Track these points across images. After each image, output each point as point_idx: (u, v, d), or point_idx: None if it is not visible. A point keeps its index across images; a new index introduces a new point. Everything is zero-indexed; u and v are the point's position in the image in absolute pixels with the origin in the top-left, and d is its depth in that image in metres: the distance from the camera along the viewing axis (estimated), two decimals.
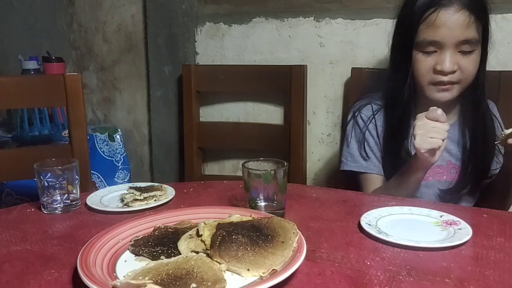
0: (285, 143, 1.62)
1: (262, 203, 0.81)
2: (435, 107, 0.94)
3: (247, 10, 1.70)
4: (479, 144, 1.09)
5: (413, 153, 1.09)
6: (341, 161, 1.21)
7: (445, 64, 1.00)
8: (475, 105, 1.09)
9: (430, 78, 1.03)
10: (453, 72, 1.01)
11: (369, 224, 0.76)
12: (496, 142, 0.98)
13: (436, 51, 1.01)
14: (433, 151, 0.94)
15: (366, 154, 1.15)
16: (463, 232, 0.73)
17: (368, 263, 0.65)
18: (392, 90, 1.11)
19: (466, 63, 1.01)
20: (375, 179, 1.15)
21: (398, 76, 1.08)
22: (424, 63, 1.03)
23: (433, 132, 0.92)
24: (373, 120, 1.16)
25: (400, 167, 1.07)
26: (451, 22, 0.98)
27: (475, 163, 1.10)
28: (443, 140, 0.93)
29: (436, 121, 0.93)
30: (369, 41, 1.53)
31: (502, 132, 0.94)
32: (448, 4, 0.98)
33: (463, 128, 1.12)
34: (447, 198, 1.11)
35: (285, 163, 0.82)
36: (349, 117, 1.21)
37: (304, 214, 0.85)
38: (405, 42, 1.04)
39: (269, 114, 1.75)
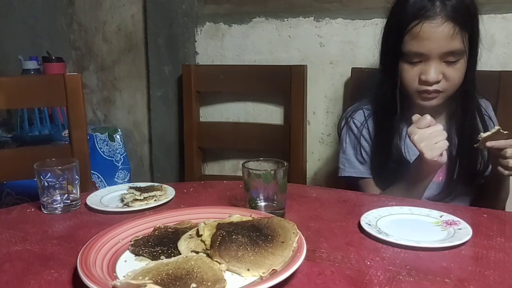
0: (285, 143, 1.62)
1: (262, 203, 0.81)
2: (417, 115, 0.96)
3: (247, 10, 1.70)
4: (468, 145, 1.09)
5: (407, 156, 1.10)
6: (338, 168, 1.21)
7: (429, 75, 1.00)
8: (464, 109, 1.09)
9: (415, 87, 1.04)
10: (438, 82, 1.02)
11: (369, 224, 0.76)
12: (475, 145, 0.97)
13: (421, 61, 1.02)
14: (441, 153, 0.95)
15: (363, 158, 1.16)
16: (463, 232, 0.73)
17: (368, 263, 0.65)
18: (382, 95, 1.12)
19: (451, 72, 1.01)
20: (373, 182, 1.15)
21: (388, 82, 1.09)
22: (409, 72, 1.04)
23: (434, 137, 0.93)
24: (366, 124, 1.16)
25: (390, 167, 1.08)
26: (436, 34, 0.98)
27: (464, 163, 1.11)
28: (446, 139, 0.94)
29: (428, 126, 0.94)
30: (369, 41, 1.52)
31: (479, 136, 0.95)
32: (432, 16, 0.98)
33: (454, 129, 1.13)
34: (441, 199, 1.11)
35: (285, 163, 0.82)
36: (342, 124, 1.22)
37: (304, 214, 0.85)
38: (392, 51, 1.05)
39: (269, 114, 1.75)
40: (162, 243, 0.68)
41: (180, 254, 0.64)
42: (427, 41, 0.99)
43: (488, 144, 0.95)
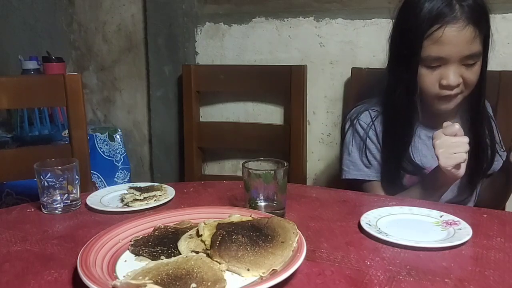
0: (285, 143, 1.62)
1: (262, 203, 0.81)
2: (448, 122, 0.94)
3: (247, 10, 1.70)
4: (479, 147, 1.08)
5: (421, 163, 1.09)
6: (342, 170, 1.18)
7: (450, 79, 0.99)
8: (474, 109, 1.08)
9: (436, 91, 1.02)
10: (458, 85, 1.01)
11: (369, 224, 0.76)
12: None
13: (440, 65, 1.00)
14: (459, 166, 0.94)
15: (368, 161, 1.14)
16: (463, 232, 0.73)
17: (368, 263, 0.65)
18: (394, 99, 1.08)
19: (469, 75, 1.00)
20: (378, 185, 1.14)
21: (401, 87, 1.06)
22: (429, 77, 1.02)
23: (454, 147, 0.92)
24: (373, 126, 1.14)
25: (401, 174, 1.08)
26: (457, 39, 0.96)
27: (474, 164, 1.10)
28: (466, 153, 0.93)
29: (454, 135, 0.92)
30: (369, 41, 1.53)
31: None
32: (453, 20, 0.96)
33: (465, 131, 1.12)
34: (459, 201, 1.11)
35: (285, 163, 0.82)
36: (347, 126, 1.19)
37: (304, 214, 0.85)
38: (409, 56, 1.02)
39: (269, 114, 1.75)
40: (162, 243, 0.68)
41: (180, 254, 0.64)
42: (449, 46, 0.97)
43: None
